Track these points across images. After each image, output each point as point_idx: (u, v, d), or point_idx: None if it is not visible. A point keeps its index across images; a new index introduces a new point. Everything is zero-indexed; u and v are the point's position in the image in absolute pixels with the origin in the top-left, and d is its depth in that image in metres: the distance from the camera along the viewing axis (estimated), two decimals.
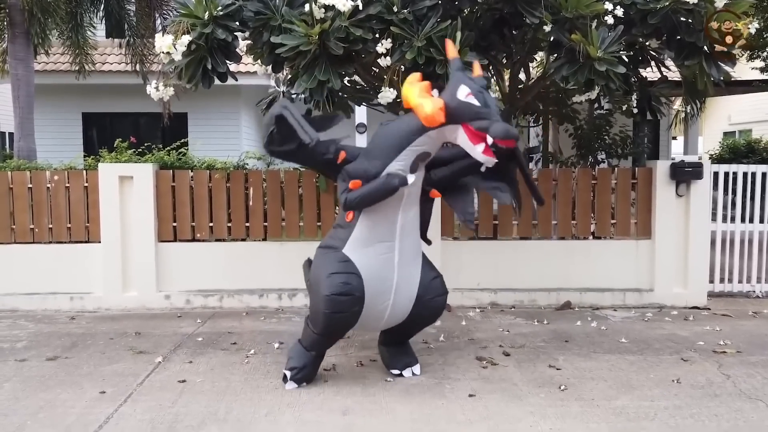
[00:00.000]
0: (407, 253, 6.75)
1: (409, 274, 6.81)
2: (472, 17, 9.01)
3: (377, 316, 6.78)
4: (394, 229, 6.60)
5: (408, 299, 6.82)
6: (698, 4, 8.11)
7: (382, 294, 6.65)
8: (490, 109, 6.01)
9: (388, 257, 6.64)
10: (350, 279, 6.51)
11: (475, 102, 6.02)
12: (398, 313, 6.83)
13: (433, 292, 6.96)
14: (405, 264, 6.73)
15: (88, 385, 6.97)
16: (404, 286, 6.75)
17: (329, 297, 6.45)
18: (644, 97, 10.80)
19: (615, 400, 6.51)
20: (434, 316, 7.20)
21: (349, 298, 6.46)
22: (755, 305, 10.44)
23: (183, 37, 7.93)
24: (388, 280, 6.65)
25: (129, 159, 10.76)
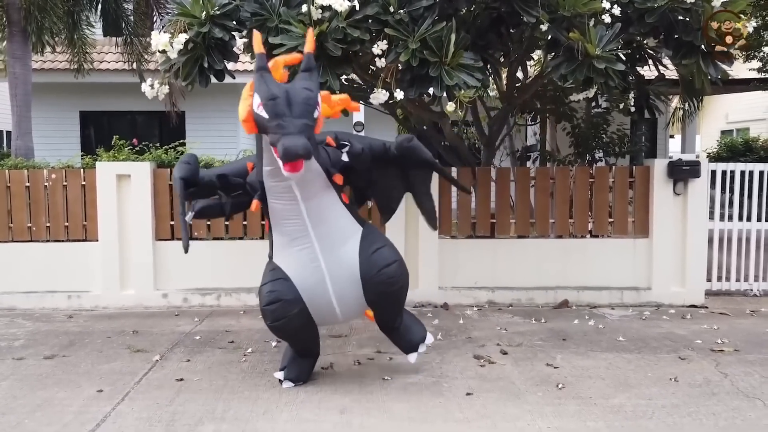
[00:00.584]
0: (328, 240, 6.55)
1: (340, 259, 6.59)
2: (469, 16, 9.01)
3: (328, 310, 6.69)
4: (302, 223, 6.44)
5: (351, 282, 6.61)
6: (695, 3, 8.13)
7: (317, 287, 6.56)
8: (281, 120, 5.75)
9: (308, 250, 6.52)
10: (276, 285, 6.53)
11: (264, 114, 5.83)
12: (349, 300, 6.70)
13: (377, 265, 6.58)
14: (329, 250, 6.55)
15: (86, 384, 6.98)
16: (338, 271, 6.57)
17: (263, 309, 6.61)
18: (642, 96, 10.82)
19: (612, 399, 6.52)
20: (395, 287, 6.69)
21: (279, 304, 6.48)
22: (753, 304, 10.45)
23: (180, 36, 7.93)
24: (318, 272, 6.53)
25: (127, 157, 10.77)
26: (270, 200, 6.47)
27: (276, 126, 5.74)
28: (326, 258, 6.55)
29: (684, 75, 9.89)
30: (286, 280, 6.53)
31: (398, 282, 6.73)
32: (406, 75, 7.93)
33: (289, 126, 5.71)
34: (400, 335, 7.14)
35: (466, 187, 7.24)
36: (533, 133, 16.85)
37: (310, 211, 6.43)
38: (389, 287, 6.66)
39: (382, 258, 6.64)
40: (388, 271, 6.61)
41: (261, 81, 5.97)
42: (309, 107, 5.90)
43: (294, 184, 6.25)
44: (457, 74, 7.65)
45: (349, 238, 6.71)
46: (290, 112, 5.78)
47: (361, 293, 6.66)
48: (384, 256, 6.67)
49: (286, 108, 5.79)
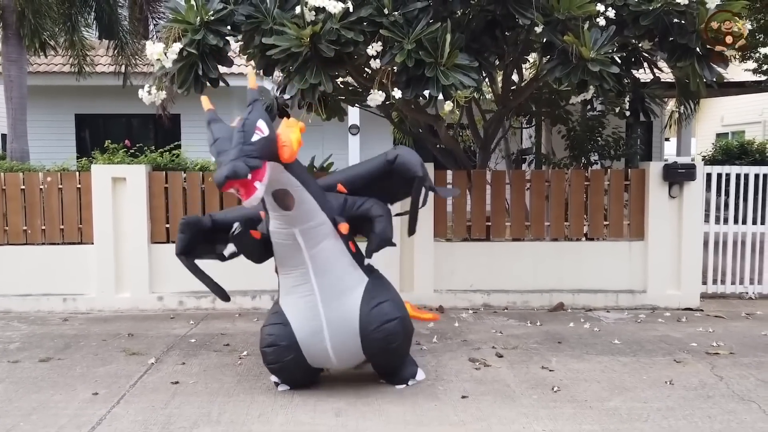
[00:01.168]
0: (329, 290, 6.49)
1: (340, 310, 6.52)
2: (463, 19, 9.00)
3: (323, 356, 6.66)
4: (305, 271, 6.43)
5: (349, 334, 6.54)
6: (690, 5, 8.13)
7: (314, 336, 6.52)
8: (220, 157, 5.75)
9: (309, 298, 6.49)
10: (275, 329, 6.61)
11: (213, 158, 5.90)
12: (345, 351, 6.63)
13: (377, 320, 6.51)
14: (330, 300, 6.49)
15: (81, 387, 6.97)
16: (337, 323, 6.51)
17: (262, 350, 6.74)
18: (637, 99, 10.83)
19: (608, 402, 6.52)
20: (393, 343, 6.60)
21: (274, 348, 6.57)
22: (748, 306, 10.46)
23: (174, 45, 7.94)
24: (316, 320, 6.50)
25: (122, 160, 10.77)
26: (275, 245, 6.50)
27: (218, 163, 5.74)
28: (326, 309, 6.50)
29: (679, 77, 9.92)
30: (285, 326, 6.57)
31: (397, 339, 6.64)
32: (402, 76, 7.93)
33: (223, 159, 5.68)
34: (392, 374, 7.09)
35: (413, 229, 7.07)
36: (528, 135, 16.86)
37: (314, 260, 6.41)
38: (388, 344, 6.59)
39: (383, 314, 6.57)
40: (387, 327, 6.54)
41: (208, 130, 6.13)
42: (243, 133, 5.81)
43: (297, 232, 6.28)
44: (453, 74, 7.64)
45: (353, 290, 6.64)
46: (230, 145, 5.75)
47: (359, 346, 6.62)
48: (384, 311, 6.58)
49: (227, 144, 5.79)
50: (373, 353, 6.67)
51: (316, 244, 6.37)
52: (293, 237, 6.29)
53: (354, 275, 6.68)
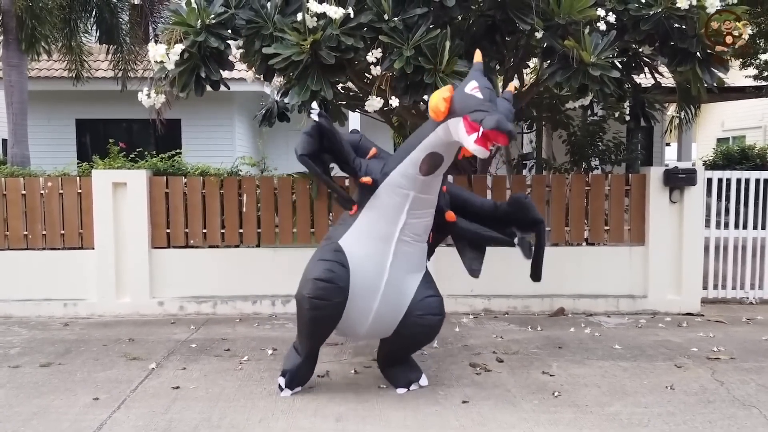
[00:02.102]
0: (403, 260, 6.60)
1: (401, 282, 6.65)
2: (463, 24, 9.02)
3: (360, 320, 6.67)
4: (393, 231, 6.48)
5: (395, 308, 6.66)
6: (691, 10, 8.13)
7: (367, 294, 6.54)
8: (492, 104, 5.85)
9: (381, 258, 6.53)
10: (335, 267, 6.46)
11: (479, 95, 5.89)
12: (383, 321, 6.70)
13: (425, 309, 6.70)
14: (397, 269, 6.58)
15: (82, 392, 6.97)
16: (392, 292, 6.60)
17: (311, 280, 6.47)
18: (638, 104, 10.84)
19: (608, 407, 6.52)
20: (426, 335, 6.89)
21: (331, 286, 6.40)
22: (749, 311, 10.46)
23: (176, 47, 7.94)
24: (377, 280, 6.54)
25: (122, 165, 10.77)
26: (380, 192, 6.51)
27: (490, 105, 5.82)
28: (391, 274, 6.58)
29: (680, 82, 9.92)
30: (346, 268, 6.52)
31: (433, 333, 6.93)
32: (400, 82, 7.93)
33: (500, 110, 5.83)
34: (397, 372, 7.13)
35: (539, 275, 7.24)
36: (529, 140, 16.85)
37: (405, 227, 6.51)
38: (423, 331, 6.82)
39: (433, 306, 6.76)
40: (432, 319, 6.76)
41: (480, 75, 6.13)
42: (511, 114, 6.03)
43: (411, 195, 6.40)
44: (452, 81, 7.64)
45: (416, 272, 6.81)
46: (497, 106, 5.88)
47: (395, 324, 6.72)
48: (435, 305, 6.79)
49: (495, 101, 5.93)
50: (402, 335, 6.78)
51: (416, 216, 6.51)
52: (405, 197, 6.40)
53: (422, 260, 6.91)
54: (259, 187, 10.42)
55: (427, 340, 7.03)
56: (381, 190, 6.48)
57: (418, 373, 7.17)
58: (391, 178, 6.43)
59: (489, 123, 5.63)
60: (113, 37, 16.97)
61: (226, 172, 10.94)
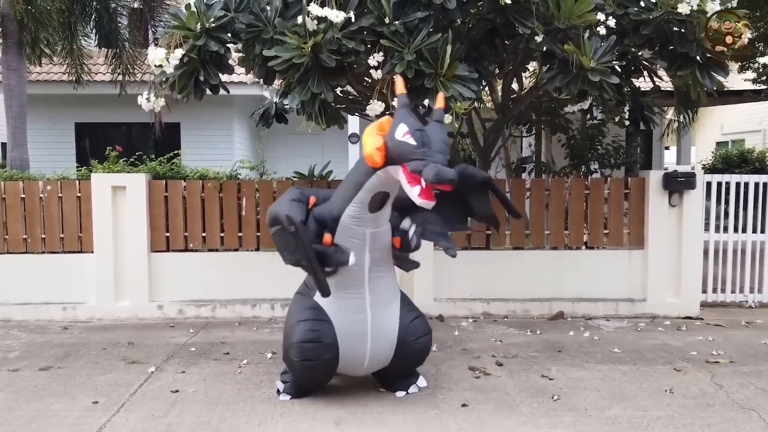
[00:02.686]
0: (380, 295, 6.62)
1: (385, 316, 6.67)
2: (463, 28, 9.01)
3: (357, 361, 6.68)
4: (362, 273, 6.48)
5: (387, 342, 6.68)
6: (691, 14, 8.13)
7: (357, 339, 6.55)
8: (427, 149, 5.79)
9: (358, 301, 6.53)
10: (317, 326, 6.47)
11: (411, 141, 5.83)
12: (379, 356, 6.72)
13: (416, 333, 6.79)
14: (378, 305, 6.60)
15: (81, 395, 6.97)
16: (381, 328, 6.61)
17: (297, 344, 6.47)
18: (637, 107, 10.85)
19: (607, 410, 6.52)
20: (421, 358, 7.01)
21: (316, 345, 6.42)
22: (748, 315, 10.46)
23: (176, 51, 7.95)
24: (362, 324, 6.54)
25: (122, 169, 10.76)
26: (338, 239, 6.43)
27: (423, 152, 5.77)
28: (374, 313, 6.59)
29: (679, 86, 9.92)
30: (328, 323, 6.51)
31: (426, 353, 7.05)
32: None
33: (434, 156, 5.77)
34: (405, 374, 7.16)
35: (517, 211, 7.30)
36: (528, 144, 16.87)
37: (372, 262, 6.50)
38: (419, 356, 6.96)
39: (420, 329, 6.86)
40: (422, 341, 6.88)
41: (407, 114, 6.08)
42: (447, 147, 5.97)
43: (368, 233, 6.37)
44: (453, 85, 7.64)
45: (394, 299, 6.84)
46: (432, 146, 5.83)
47: (390, 354, 6.75)
48: (421, 327, 6.90)
49: (429, 141, 5.85)
50: (401, 362, 6.84)
51: (377, 250, 6.49)
52: (363, 237, 6.37)
53: (395, 288, 6.91)
54: (258, 190, 10.42)
55: (423, 358, 7.08)
56: (338, 239, 6.43)
57: (415, 375, 7.19)
58: (342, 223, 6.40)
59: (428, 176, 5.63)
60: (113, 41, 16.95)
61: (225, 175, 10.95)
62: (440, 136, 5.95)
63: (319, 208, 6.58)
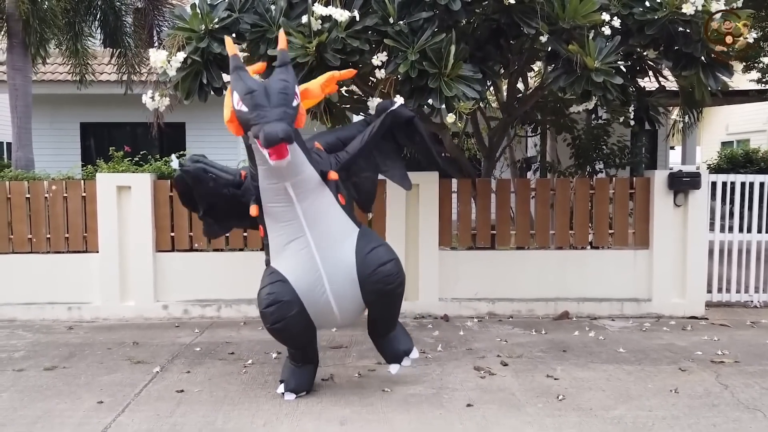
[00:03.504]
0: (325, 239, 6.54)
1: (336, 259, 6.58)
2: (468, 28, 9.01)
3: (326, 310, 6.64)
4: (298, 224, 6.44)
5: (348, 283, 6.60)
6: (695, 14, 8.12)
7: (315, 288, 6.52)
8: (260, 110, 5.85)
9: (305, 251, 6.50)
10: (274, 288, 6.50)
11: (244, 108, 5.92)
12: (348, 301, 6.68)
13: (374, 263, 6.62)
14: (326, 249, 6.53)
15: (86, 395, 6.98)
16: (335, 271, 6.55)
17: (263, 312, 6.57)
18: (642, 107, 10.82)
19: (613, 410, 6.51)
20: (391, 287, 6.70)
21: (278, 305, 6.44)
22: (753, 315, 10.44)
23: (178, 54, 7.95)
24: (315, 272, 6.50)
25: (127, 169, 10.77)
26: (265, 203, 6.51)
27: (256, 116, 5.82)
28: (323, 257, 6.52)
29: (684, 86, 9.91)
30: (284, 282, 6.50)
31: (395, 280, 6.74)
32: (405, 86, 7.93)
33: (268, 114, 5.80)
34: (388, 343, 7.13)
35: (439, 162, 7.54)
36: (533, 144, 16.86)
37: (306, 211, 6.43)
38: (386, 285, 6.66)
39: (378, 257, 6.67)
40: (384, 269, 6.63)
41: (237, 79, 6.08)
42: (286, 96, 5.96)
43: (288, 185, 6.29)
44: (456, 86, 7.65)
45: (345, 239, 6.71)
46: (269, 103, 5.86)
47: (358, 293, 6.66)
48: (379, 255, 6.70)
49: (264, 99, 5.88)
50: (373, 299, 6.73)
51: (307, 197, 6.41)
52: (284, 191, 6.33)
53: (346, 225, 6.77)
54: None
55: (396, 290, 6.81)
56: (263, 202, 6.54)
57: (409, 343, 7.19)
58: (262, 188, 6.47)
59: (262, 141, 5.74)
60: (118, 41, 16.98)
61: None
62: (277, 87, 6.00)
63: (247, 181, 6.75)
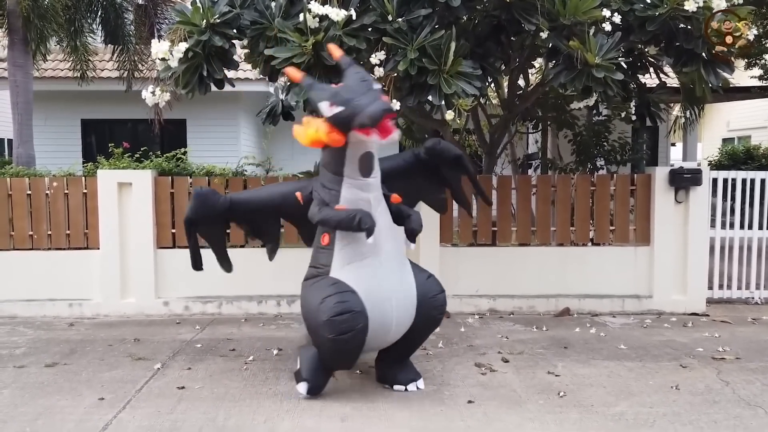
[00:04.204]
0: (392, 258, 6.64)
1: (403, 278, 6.69)
2: (468, 24, 9.00)
3: (385, 329, 6.56)
4: (378, 238, 6.45)
5: (410, 303, 6.66)
6: (697, 11, 8.11)
7: (383, 304, 6.46)
8: (353, 102, 6.02)
9: (375, 268, 6.50)
10: (345, 297, 6.33)
11: (338, 109, 6.05)
12: (403, 320, 6.66)
13: (434, 289, 6.85)
14: (394, 269, 6.62)
15: (87, 392, 6.98)
16: (401, 290, 6.60)
17: (329, 320, 6.25)
18: (643, 104, 10.82)
19: (614, 407, 6.51)
20: (438, 316, 6.94)
21: (350, 315, 6.26)
22: (754, 312, 10.44)
23: (180, 44, 7.94)
24: (384, 289, 6.49)
25: (128, 165, 10.76)
26: None
27: (352, 108, 5.99)
28: (392, 278, 6.61)
29: (685, 83, 9.89)
30: (354, 293, 6.40)
31: (443, 310, 7.03)
32: (405, 83, 7.92)
33: (362, 101, 5.99)
34: (405, 367, 7.13)
35: (487, 197, 7.62)
36: (534, 140, 16.84)
37: (382, 228, 6.50)
38: (438, 312, 6.93)
39: (436, 285, 6.95)
40: (441, 297, 6.91)
41: (318, 90, 6.32)
42: (368, 82, 6.23)
43: (372, 198, 6.50)
44: (456, 82, 7.64)
45: (405, 262, 6.87)
46: (357, 94, 6.07)
47: (412, 315, 6.73)
48: (436, 283, 6.98)
49: (352, 93, 6.09)
50: (419, 322, 6.81)
51: (382, 214, 6.59)
52: (369, 203, 6.48)
53: (403, 248, 6.91)
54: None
55: (440, 318, 7.06)
56: None
57: (417, 374, 7.15)
58: (345, 199, 6.53)
59: (367, 120, 5.94)
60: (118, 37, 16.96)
61: (231, 172, 10.95)
62: (356, 79, 6.25)
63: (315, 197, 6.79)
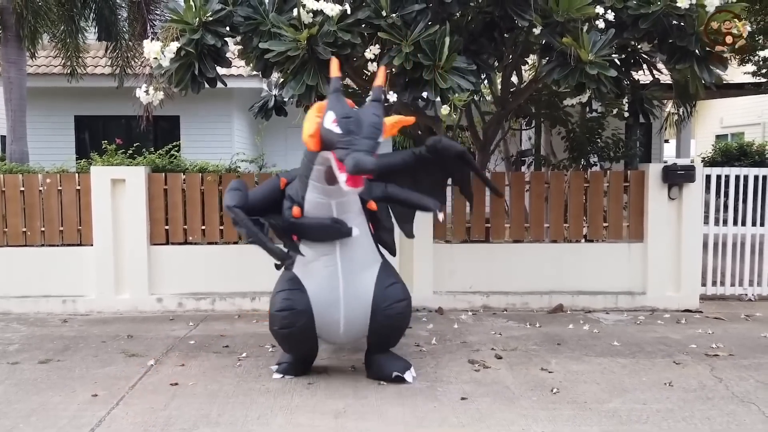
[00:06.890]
0: (353, 264, 6.86)
1: (359, 284, 6.89)
2: (462, 20, 9.00)
3: (333, 328, 6.96)
4: (333, 243, 6.75)
5: (361, 308, 6.90)
6: (690, 8, 8.11)
7: (330, 306, 6.83)
8: (352, 137, 6.02)
9: (331, 269, 6.80)
10: (292, 294, 6.87)
11: (337, 130, 6.07)
12: (355, 323, 6.96)
13: (389, 299, 6.95)
14: (351, 273, 6.84)
15: (81, 388, 6.97)
16: (353, 296, 6.85)
17: (273, 314, 7.00)
18: (636, 100, 10.84)
19: (607, 403, 6.52)
20: (399, 323, 7.13)
21: (290, 312, 6.80)
22: (747, 308, 10.46)
23: (171, 44, 7.94)
24: (335, 292, 6.81)
25: (121, 162, 10.75)
26: (306, 214, 6.72)
27: (347, 141, 6.02)
28: (346, 281, 6.83)
29: (678, 79, 9.91)
30: (302, 292, 6.85)
31: (405, 319, 7.23)
32: (399, 79, 7.93)
33: (359, 143, 5.99)
34: (383, 362, 7.19)
35: (497, 188, 7.72)
36: (528, 137, 16.84)
37: None
38: (395, 321, 7.07)
39: (396, 293, 7.05)
40: (398, 306, 7.03)
41: (337, 101, 6.29)
42: (376, 131, 6.19)
43: (334, 203, 6.60)
44: (451, 77, 7.66)
45: (369, 267, 7.03)
46: (361, 132, 6.07)
47: (367, 320, 6.94)
48: (397, 292, 7.07)
49: (356, 127, 6.08)
50: (378, 329, 7.01)
51: (346, 219, 6.69)
52: (328, 207, 6.61)
53: (372, 254, 7.12)
54: (258, 183, 10.38)
55: (402, 327, 7.27)
56: (308, 213, 6.71)
57: (403, 366, 7.21)
58: (308, 199, 6.66)
59: (348, 167, 5.89)
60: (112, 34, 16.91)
61: (224, 168, 10.94)
62: (370, 120, 6.20)
63: (289, 187, 6.92)
